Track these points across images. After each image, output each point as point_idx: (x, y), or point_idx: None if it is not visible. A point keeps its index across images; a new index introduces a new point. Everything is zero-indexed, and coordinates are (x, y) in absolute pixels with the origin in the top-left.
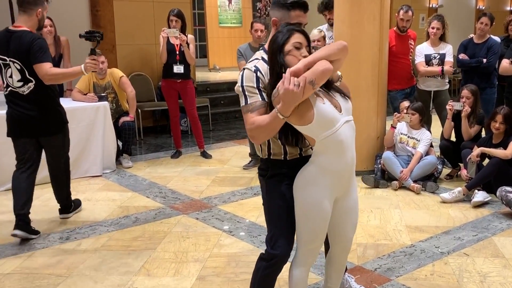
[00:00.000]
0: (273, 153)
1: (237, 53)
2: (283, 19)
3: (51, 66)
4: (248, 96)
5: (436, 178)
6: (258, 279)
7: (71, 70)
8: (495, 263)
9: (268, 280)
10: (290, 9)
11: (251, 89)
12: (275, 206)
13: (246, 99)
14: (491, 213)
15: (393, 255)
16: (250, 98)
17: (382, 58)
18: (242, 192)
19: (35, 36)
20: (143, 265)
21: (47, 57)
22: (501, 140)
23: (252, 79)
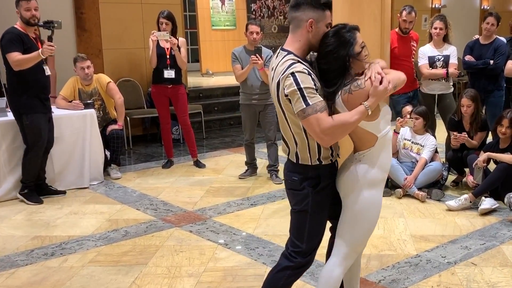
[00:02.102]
0: (323, 157)
1: (232, 56)
2: (320, 19)
3: (17, 55)
4: (308, 97)
5: (442, 185)
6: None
7: (31, 55)
8: (504, 273)
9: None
10: (325, 9)
11: (311, 90)
12: (319, 221)
13: (306, 101)
14: (499, 221)
15: (397, 266)
16: (311, 99)
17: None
18: (239, 203)
19: (5, 31)
20: (134, 281)
21: (15, 47)
22: (508, 144)
23: (309, 81)
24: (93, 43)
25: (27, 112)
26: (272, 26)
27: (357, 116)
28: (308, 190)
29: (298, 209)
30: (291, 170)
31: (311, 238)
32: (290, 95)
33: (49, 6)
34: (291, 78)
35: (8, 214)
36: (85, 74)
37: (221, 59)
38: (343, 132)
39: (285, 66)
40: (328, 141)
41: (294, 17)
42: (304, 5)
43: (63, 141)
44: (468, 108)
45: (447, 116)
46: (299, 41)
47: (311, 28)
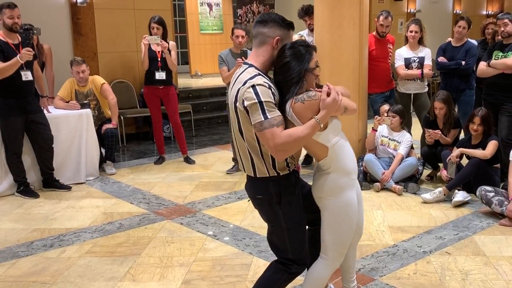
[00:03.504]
0: (279, 168)
1: (219, 59)
2: (285, 37)
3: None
4: (267, 110)
5: (417, 179)
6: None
7: (10, 62)
8: (476, 261)
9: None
10: (289, 29)
11: (270, 104)
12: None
13: (265, 114)
14: (471, 213)
15: (376, 255)
16: (269, 113)
17: (362, 62)
18: (226, 196)
19: None
20: (128, 271)
21: None
22: (480, 141)
23: (269, 94)
24: (88, 47)
25: (4, 114)
26: None
27: (308, 130)
28: (275, 207)
29: (273, 226)
30: (253, 188)
31: (296, 248)
32: (249, 107)
33: (47, 12)
34: (252, 91)
35: (9, 208)
36: (80, 78)
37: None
38: (295, 146)
39: (246, 78)
40: (282, 155)
41: (260, 33)
42: (272, 22)
43: (60, 139)
44: (441, 110)
45: (422, 114)
46: (263, 56)
47: (276, 45)
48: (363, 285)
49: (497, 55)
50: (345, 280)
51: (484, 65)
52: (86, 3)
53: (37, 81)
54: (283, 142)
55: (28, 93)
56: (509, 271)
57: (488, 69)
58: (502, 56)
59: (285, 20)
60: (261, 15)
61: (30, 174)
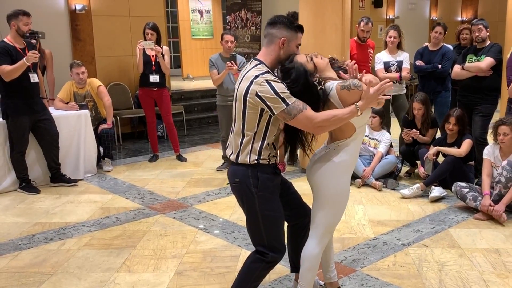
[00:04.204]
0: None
1: (209, 63)
2: (291, 39)
3: (6, 67)
4: (286, 98)
5: (396, 176)
6: (255, 277)
7: (17, 64)
8: (451, 253)
9: (263, 277)
10: (297, 31)
11: (287, 94)
12: (273, 217)
13: (285, 102)
14: (447, 207)
15: (357, 247)
16: (289, 99)
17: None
18: (216, 192)
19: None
20: (124, 262)
21: (3, 60)
22: (455, 139)
23: (283, 87)
24: (87, 51)
25: (12, 114)
26: (245, 36)
27: (348, 114)
28: (251, 192)
29: (249, 212)
30: (233, 173)
31: (270, 235)
32: (267, 100)
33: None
34: (267, 85)
35: (12, 203)
36: (80, 79)
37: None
38: (333, 125)
39: (258, 72)
40: (319, 131)
41: (269, 33)
42: (280, 24)
43: (60, 138)
44: (419, 111)
45: (401, 114)
46: (271, 55)
47: (283, 45)
48: (345, 275)
49: (471, 59)
50: (325, 270)
51: (459, 68)
52: (84, 10)
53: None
54: (322, 119)
55: (35, 94)
56: (483, 262)
57: (463, 72)
58: (475, 60)
59: (293, 22)
60: (272, 17)
61: (33, 170)
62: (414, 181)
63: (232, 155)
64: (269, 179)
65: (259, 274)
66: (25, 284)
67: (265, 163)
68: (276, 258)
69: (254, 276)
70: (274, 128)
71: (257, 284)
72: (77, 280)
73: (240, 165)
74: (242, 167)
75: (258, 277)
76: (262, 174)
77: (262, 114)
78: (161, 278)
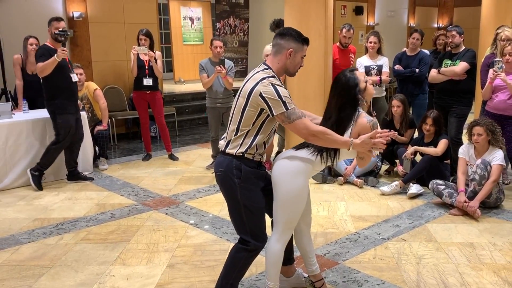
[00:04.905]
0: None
1: (199, 67)
2: (298, 50)
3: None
4: (287, 103)
5: (376, 174)
6: (240, 266)
7: (49, 60)
8: (428, 247)
9: (248, 266)
10: (304, 44)
11: (288, 99)
12: (254, 208)
13: (286, 106)
14: (424, 203)
15: (340, 241)
16: (289, 104)
17: (327, 70)
18: (206, 189)
19: (38, 48)
20: (118, 256)
21: (42, 60)
22: (432, 139)
23: (285, 92)
24: (84, 56)
25: (60, 112)
26: (234, 42)
27: (340, 143)
28: (234, 181)
29: (231, 201)
30: (219, 162)
31: (251, 224)
32: (270, 101)
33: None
34: (272, 88)
35: (13, 200)
36: (78, 80)
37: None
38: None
39: (265, 75)
40: (313, 140)
41: (278, 44)
42: (289, 36)
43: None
44: (398, 108)
45: (381, 116)
46: (278, 63)
47: (289, 56)
48: (328, 268)
49: (446, 63)
50: (307, 264)
51: (435, 72)
52: (81, 18)
53: None
54: (318, 130)
55: (76, 93)
56: (458, 256)
57: (439, 76)
58: (450, 64)
59: (301, 35)
60: (282, 29)
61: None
62: (393, 179)
63: (223, 144)
64: (252, 172)
65: (244, 263)
66: (25, 276)
67: (249, 157)
68: (258, 246)
69: (239, 265)
70: (268, 129)
71: (242, 273)
72: (74, 273)
73: (226, 155)
74: (228, 157)
75: (243, 266)
76: (246, 167)
77: (261, 114)
78: (154, 271)
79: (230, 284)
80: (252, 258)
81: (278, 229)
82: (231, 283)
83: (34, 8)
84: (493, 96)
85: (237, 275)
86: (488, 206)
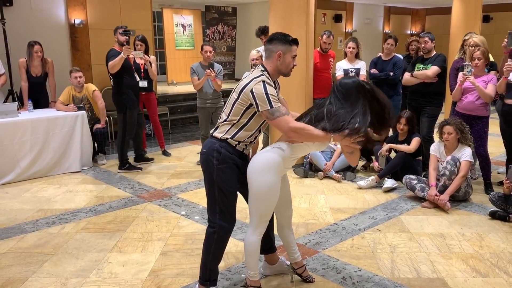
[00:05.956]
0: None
1: (191, 70)
2: (286, 51)
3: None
4: (272, 101)
5: (354, 169)
6: (213, 250)
7: (117, 58)
8: (402, 237)
9: (221, 250)
10: (292, 44)
11: (275, 97)
12: (227, 191)
13: (270, 104)
14: (398, 197)
15: (320, 232)
16: (274, 103)
17: (308, 72)
18: (196, 183)
19: (109, 50)
20: (116, 244)
21: (111, 59)
22: (405, 138)
23: (274, 91)
24: (84, 60)
25: (130, 107)
26: (222, 47)
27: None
28: (213, 163)
29: (207, 180)
30: (204, 144)
31: (223, 205)
32: (257, 96)
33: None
34: (262, 86)
35: (18, 192)
36: (78, 82)
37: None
38: (304, 136)
39: (259, 74)
40: (293, 136)
41: (268, 49)
42: (276, 40)
43: (61, 135)
44: None
45: None
46: (270, 66)
47: (279, 58)
48: (309, 256)
49: (419, 67)
50: (289, 253)
51: (408, 75)
52: (82, 25)
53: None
54: (298, 127)
55: (139, 92)
56: (429, 245)
57: (412, 79)
58: (423, 68)
59: (287, 37)
60: (271, 35)
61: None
62: (370, 174)
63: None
64: (230, 157)
65: (216, 246)
66: (30, 262)
67: (232, 144)
68: (223, 226)
69: (211, 249)
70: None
71: (217, 257)
72: (75, 260)
73: (212, 138)
74: (212, 139)
75: (216, 249)
76: (226, 151)
77: (249, 108)
78: (148, 258)
79: (209, 270)
80: (222, 240)
81: (253, 222)
82: (209, 268)
83: (39, 16)
84: (463, 98)
85: (213, 259)
86: (457, 199)
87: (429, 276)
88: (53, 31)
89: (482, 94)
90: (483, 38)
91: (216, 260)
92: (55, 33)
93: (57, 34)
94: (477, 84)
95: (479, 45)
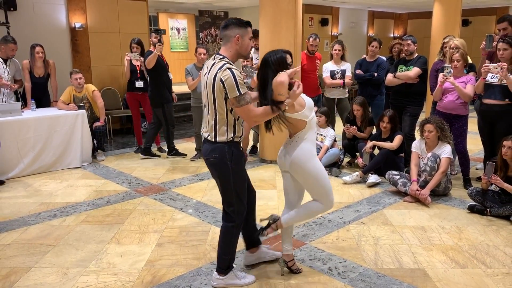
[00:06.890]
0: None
1: (185, 71)
2: (244, 34)
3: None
4: (240, 87)
5: (339, 165)
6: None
7: (151, 55)
8: (385, 229)
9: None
10: (247, 26)
11: (241, 82)
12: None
13: (239, 90)
14: (381, 191)
15: (307, 224)
16: (242, 89)
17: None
18: (190, 178)
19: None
20: (114, 236)
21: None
22: (388, 135)
23: (239, 75)
24: (84, 62)
25: (167, 102)
26: (215, 49)
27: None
28: (227, 165)
29: (223, 180)
30: (211, 150)
31: (239, 200)
32: (226, 84)
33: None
34: (229, 72)
35: (22, 187)
36: (78, 83)
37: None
38: (263, 119)
39: (222, 64)
40: (253, 124)
41: (225, 35)
42: (232, 24)
43: (62, 133)
44: (358, 111)
45: (344, 114)
46: (230, 51)
47: (238, 41)
48: (297, 248)
49: (401, 69)
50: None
51: (391, 76)
52: (82, 28)
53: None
54: (256, 115)
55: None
56: (411, 237)
57: (394, 80)
58: (405, 69)
59: (242, 20)
60: (224, 22)
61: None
62: (354, 170)
63: (210, 135)
64: (239, 155)
65: (237, 237)
66: (33, 253)
67: (237, 140)
68: (241, 219)
69: (232, 240)
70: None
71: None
72: (75, 250)
73: (218, 143)
74: (220, 144)
75: (236, 239)
76: (236, 151)
77: (228, 97)
78: (144, 249)
79: (229, 259)
80: (238, 231)
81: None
82: (230, 257)
83: (42, 19)
84: (443, 97)
85: (233, 249)
86: (438, 194)
87: (411, 266)
88: (55, 34)
89: (461, 94)
90: (463, 41)
91: (235, 248)
92: (57, 36)
93: (59, 37)
94: (456, 85)
95: (459, 47)
